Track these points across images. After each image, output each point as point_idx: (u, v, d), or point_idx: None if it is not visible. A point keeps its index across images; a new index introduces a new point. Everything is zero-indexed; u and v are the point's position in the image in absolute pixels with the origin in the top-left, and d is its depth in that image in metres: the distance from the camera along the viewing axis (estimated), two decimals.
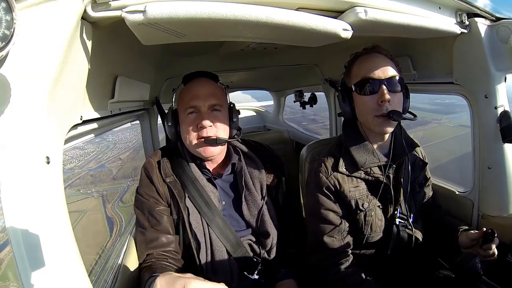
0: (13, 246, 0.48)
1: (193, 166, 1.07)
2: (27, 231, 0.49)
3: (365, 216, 1.04)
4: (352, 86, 1.02)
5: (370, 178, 1.04)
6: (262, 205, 1.08)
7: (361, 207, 1.03)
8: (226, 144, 1.11)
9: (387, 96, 0.95)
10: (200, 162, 1.08)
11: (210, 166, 1.11)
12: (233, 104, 1.13)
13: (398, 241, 1.06)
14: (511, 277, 0.98)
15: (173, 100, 1.15)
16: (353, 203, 1.04)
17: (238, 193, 1.09)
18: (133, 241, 1.05)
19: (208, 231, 1.01)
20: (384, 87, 0.96)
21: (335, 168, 1.06)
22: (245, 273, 1.02)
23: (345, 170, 1.05)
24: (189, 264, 1.02)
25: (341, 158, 1.07)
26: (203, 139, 1.01)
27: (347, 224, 1.06)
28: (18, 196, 0.49)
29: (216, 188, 1.07)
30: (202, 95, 1.03)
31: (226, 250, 1.02)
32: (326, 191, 1.05)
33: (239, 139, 1.16)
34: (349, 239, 1.07)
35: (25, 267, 0.48)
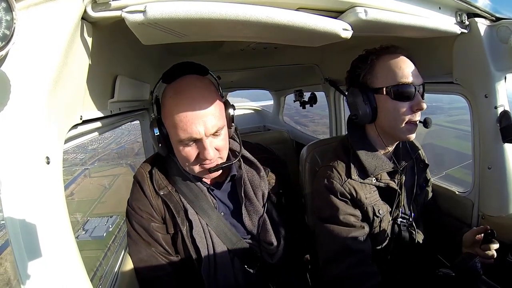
0: (13, 246, 0.48)
1: (190, 176, 0.98)
2: (27, 231, 0.49)
3: (380, 222, 1.02)
4: (384, 88, 0.95)
5: (381, 184, 1.02)
6: (263, 213, 1.00)
7: (377, 214, 1.01)
8: None
9: (424, 105, 0.93)
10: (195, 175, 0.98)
11: (207, 176, 1.01)
12: (227, 100, 0.96)
13: (399, 241, 1.06)
14: (511, 277, 0.98)
15: (153, 103, 0.94)
16: (370, 210, 1.01)
17: (238, 203, 1.01)
18: (129, 255, 0.98)
19: (212, 241, 0.95)
20: (419, 94, 0.94)
21: (348, 174, 1.01)
22: (246, 266, 0.98)
23: (357, 177, 1.01)
24: (188, 270, 0.97)
25: (351, 164, 1.02)
26: (207, 167, 0.89)
27: (368, 229, 1.01)
28: (18, 196, 0.49)
29: (215, 199, 1.00)
30: (199, 119, 0.82)
31: (228, 249, 0.97)
32: (342, 198, 1.00)
33: (238, 140, 1.04)
34: (370, 245, 1.01)
35: (25, 267, 0.48)
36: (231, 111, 0.95)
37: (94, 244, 18.98)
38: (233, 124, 0.97)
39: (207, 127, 0.84)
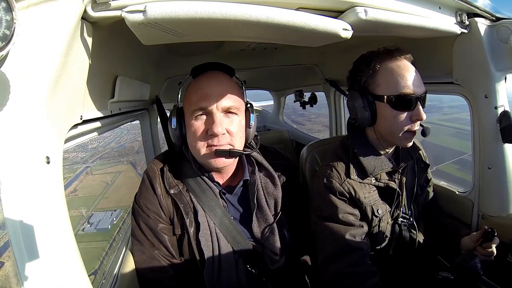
0: (13, 246, 0.48)
1: (203, 177, 0.95)
2: (27, 231, 0.49)
3: (379, 222, 1.03)
4: (385, 97, 0.94)
5: (380, 184, 1.03)
6: (273, 222, 0.97)
7: (376, 213, 1.02)
8: None
9: (424, 116, 0.92)
10: (208, 174, 0.96)
11: (219, 178, 0.99)
12: (251, 104, 0.98)
13: (400, 241, 1.06)
14: (511, 277, 0.98)
15: (179, 96, 0.99)
16: (368, 209, 1.01)
17: (249, 208, 0.99)
18: (130, 253, 0.98)
19: (218, 243, 0.93)
20: (420, 104, 0.93)
21: (348, 174, 1.02)
22: (248, 266, 0.96)
23: (356, 177, 1.01)
24: (191, 272, 0.95)
25: (350, 164, 1.03)
26: (213, 149, 0.87)
27: (366, 228, 1.01)
28: (18, 196, 0.49)
29: (226, 203, 0.98)
30: (214, 95, 0.87)
31: (233, 250, 0.95)
32: (341, 197, 1.01)
33: (255, 146, 1.02)
34: (369, 244, 1.01)
35: (25, 267, 0.48)
36: (252, 115, 0.97)
37: (100, 236, 19.90)
38: (251, 125, 0.97)
39: (220, 101, 0.87)
